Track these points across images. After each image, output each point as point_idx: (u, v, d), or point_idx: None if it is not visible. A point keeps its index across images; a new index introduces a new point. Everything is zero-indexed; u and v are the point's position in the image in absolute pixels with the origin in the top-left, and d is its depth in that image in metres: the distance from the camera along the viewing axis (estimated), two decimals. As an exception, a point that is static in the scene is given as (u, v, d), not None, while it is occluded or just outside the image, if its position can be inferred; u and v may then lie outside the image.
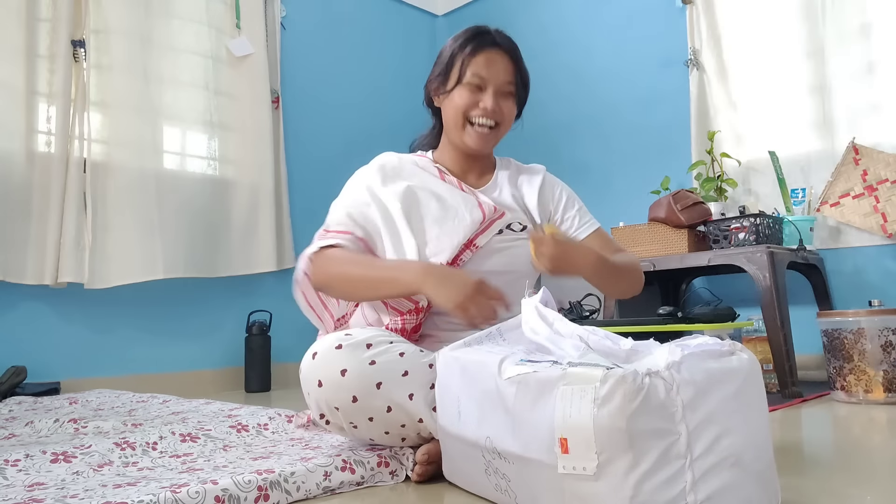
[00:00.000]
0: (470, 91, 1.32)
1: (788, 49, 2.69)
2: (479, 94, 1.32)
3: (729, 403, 0.76)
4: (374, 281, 1.21)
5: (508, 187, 1.42)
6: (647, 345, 0.88)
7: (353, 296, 1.29)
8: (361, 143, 3.50)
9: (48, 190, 2.46)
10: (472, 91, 1.32)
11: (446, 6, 4.08)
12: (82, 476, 1.08)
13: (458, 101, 1.33)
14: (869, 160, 2.46)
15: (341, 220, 1.32)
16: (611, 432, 0.71)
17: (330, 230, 1.31)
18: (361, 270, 1.23)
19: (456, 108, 1.33)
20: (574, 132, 3.39)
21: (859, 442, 1.40)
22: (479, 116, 1.32)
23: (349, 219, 1.32)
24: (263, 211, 3.03)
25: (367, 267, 1.24)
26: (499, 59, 1.33)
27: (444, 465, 1.07)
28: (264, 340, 2.90)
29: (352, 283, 1.23)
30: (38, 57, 2.51)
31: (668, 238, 2.46)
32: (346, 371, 1.06)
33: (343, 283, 1.24)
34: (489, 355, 0.94)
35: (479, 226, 1.30)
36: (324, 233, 1.31)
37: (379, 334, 1.13)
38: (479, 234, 1.30)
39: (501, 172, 1.45)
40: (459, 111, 1.33)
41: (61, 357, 2.51)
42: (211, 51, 2.99)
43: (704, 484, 0.72)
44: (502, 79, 1.33)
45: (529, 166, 1.49)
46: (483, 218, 1.30)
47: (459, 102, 1.32)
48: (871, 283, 2.48)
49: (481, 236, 1.30)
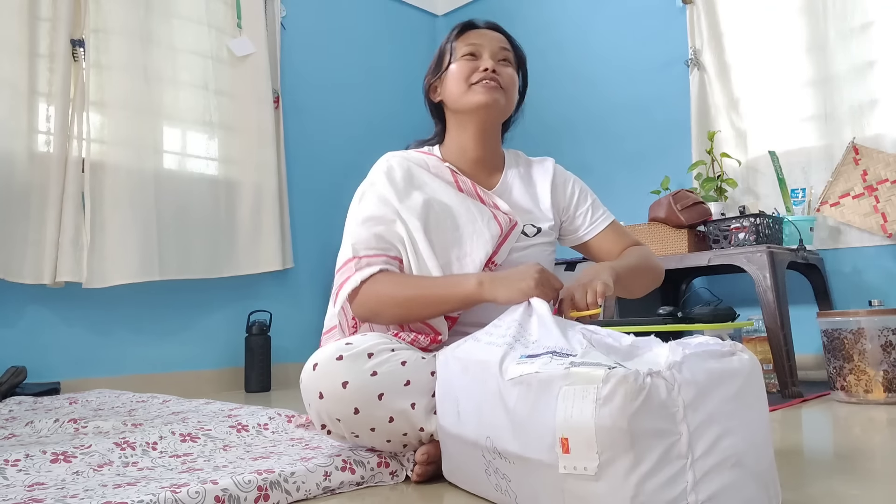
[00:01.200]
0: (465, 60, 1.31)
1: (789, 49, 2.69)
2: (475, 61, 1.31)
3: (730, 404, 0.76)
4: (428, 300, 1.16)
5: (520, 185, 1.38)
6: (648, 341, 0.88)
7: (406, 319, 1.21)
8: (361, 142, 3.51)
9: (47, 189, 2.46)
10: (468, 60, 1.31)
11: (446, 6, 4.08)
12: (82, 476, 1.08)
13: (456, 73, 1.31)
14: (869, 160, 2.46)
15: (371, 243, 1.22)
16: (612, 432, 0.71)
17: (362, 255, 1.22)
18: (413, 292, 1.17)
19: (456, 79, 1.31)
20: (574, 132, 3.39)
21: (859, 442, 1.40)
22: (482, 78, 1.29)
23: (379, 239, 1.23)
24: (263, 211, 3.03)
25: (417, 287, 1.18)
26: (488, 32, 1.35)
27: (443, 465, 1.07)
28: (264, 340, 2.90)
29: (404, 306, 1.17)
30: (37, 56, 2.51)
31: (668, 238, 2.46)
32: (348, 383, 1.05)
33: (394, 308, 1.18)
34: (490, 354, 0.94)
35: (497, 240, 1.26)
36: (357, 260, 1.21)
37: (380, 342, 1.11)
38: (497, 250, 1.26)
39: (511, 170, 1.40)
40: (458, 80, 1.30)
41: (61, 357, 2.51)
42: (211, 50, 3.00)
43: (705, 484, 0.72)
44: (496, 45, 1.32)
45: (539, 160, 1.45)
46: (500, 231, 1.27)
47: (458, 72, 1.30)
48: (871, 283, 2.48)
49: (499, 252, 1.27)
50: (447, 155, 1.37)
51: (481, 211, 1.27)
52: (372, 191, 1.28)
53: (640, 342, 0.88)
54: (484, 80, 1.28)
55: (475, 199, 1.30)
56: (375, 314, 1.20)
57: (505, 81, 1.31)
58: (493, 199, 1.32)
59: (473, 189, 1.32)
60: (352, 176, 1.60)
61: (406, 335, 1.19)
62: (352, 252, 1.22)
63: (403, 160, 1.32)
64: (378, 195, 1.26)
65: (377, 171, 1.31)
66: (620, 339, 0.89)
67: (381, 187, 1.27)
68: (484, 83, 1.28)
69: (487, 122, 1.33)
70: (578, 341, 0.87)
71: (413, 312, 1.18)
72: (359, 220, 1.25)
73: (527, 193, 1.38)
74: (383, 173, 1.29)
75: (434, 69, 1.38)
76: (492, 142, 1.37)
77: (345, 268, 1.22)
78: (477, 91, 1.29)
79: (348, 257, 1.23)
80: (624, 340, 0.89)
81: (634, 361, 0.83)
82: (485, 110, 1.30)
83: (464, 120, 1.33)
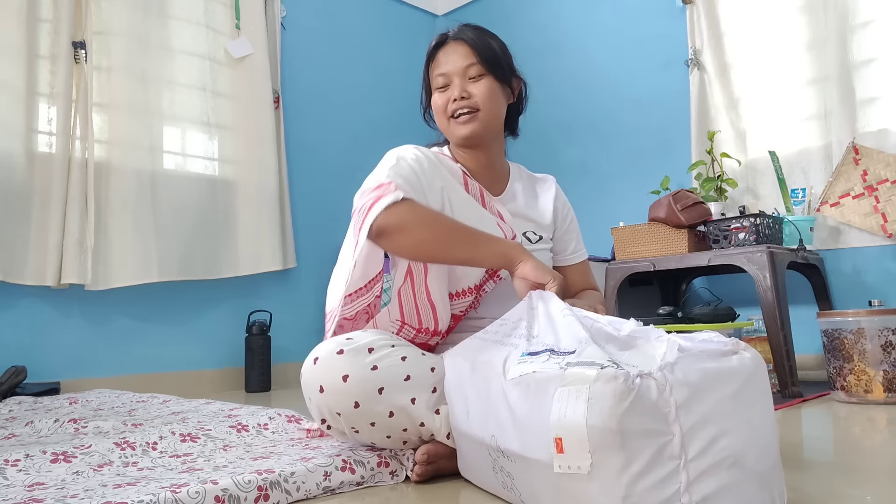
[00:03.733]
0: (440, 93, 1.35)
1: (789, 48, 2.69)
2: (447, 91, 1.34)
3: (727, 404, 0.76)
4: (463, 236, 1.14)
5: (525, 196, 1.45)
6: (646, 331, 0.89)
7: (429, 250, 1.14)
8: (362, 142, 3.51)
9: (49, 191, 2.46)
10: (441, 91, 1.35)
11: (446, 6, 4.08)
12: (82, 476, 1.08)
13: (435, 108, 1.37)
14: (869, 160, 2.46)
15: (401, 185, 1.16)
16: (603, 432, 0.71)
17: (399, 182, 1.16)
18: (452, 223, 1.14)
19: (437, 115, 1.37)
20: (574, 132, 3.39)
21: (859, 442, 1.40)
22: (455, 109, 1.32)
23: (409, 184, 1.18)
24: (264, 211, 3.03)
25: (454, 223, 1.15)
26: (452, 50, 1.35)
27: (458, 463, 1.09)
28: (264, 340, 2.90)
29: (435, 231, 1.12)
30: (39, 58, 2.51)
31: (668, 238, 2.46)
32: (348, 377, 1.05)
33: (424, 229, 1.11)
34: (495, 353, 0.95)
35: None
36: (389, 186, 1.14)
37: (381, 338, 1.12)
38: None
39: (516, 181, 1.46)
40: (440, 114, 1.36)
41: (61, 357, 2.52)
42: (211, 52, 3.00)
43: (700, 485, 0.72)
44: (460, 65, 1.33)
45: (541, 177, 1.52)
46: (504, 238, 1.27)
47: (436, 108, 1.36)
48: (871, 283, 2.48)
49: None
50: (455, 156, 1.41)
51: (484, 219, 1.28)
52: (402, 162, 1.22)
53: (639, 332, 0.89)
54: (458, 114, 1.32)
55: (479, 203, 1.32)
56: (399, 229, 1.11)
57: (479, 100, 1.32)
58: (497, 208, 1.35)
59: (480, 194, 1.34)
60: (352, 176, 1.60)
61: (407, 332, 1.20)
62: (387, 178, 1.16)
63: (420, 151, 1.30)
64: (410, 167, 1.22)
65: (404, 151, 1.26)
66: (620, 328, 0.90)
67: (412, 162, 1.23)
68: (458, 118, 1.33)
69: (478, 144, 1.37)
70: (577, 334, 0.87)
71: (439, 244, 1.13)
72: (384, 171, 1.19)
73: (530, 204, 1.45)
74: (408, 153, 1.25)
75: (423, 96, 1.44)
76: (493, 151, 1.41)
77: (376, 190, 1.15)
78: (454, 126, 1.34)
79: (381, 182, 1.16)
80: (623, 329, 0.90)
81: (631, 353, 0.84)
82: (467, 140, 1.35)
83: (455, 142, 1.39)
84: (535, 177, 1.51)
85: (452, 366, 1.06)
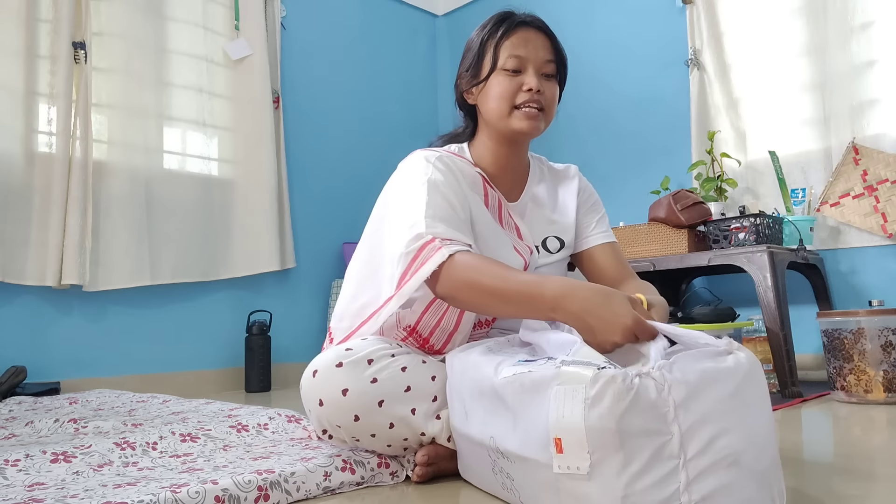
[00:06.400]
0: (509, 76, 1.22)
1: (789, 49, 2.69)
2: (519, 76, 1.22)
3: (725, 403, 0.76)
4: (510, 295, 0.99)
5: (545, 195, 1.36)
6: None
7: (485, 310, 1.08)
8: (362, 142, 3.51)
9: (49, 191, 2.46)
10: (512, 75, 1.22)
11: (446, 6, 4.08)
12: (82, 476, 1.08)
13: (498, 90, 1.22)
14: (869, 160, 2.46)
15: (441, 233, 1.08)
16: (601, 433, 0.72)
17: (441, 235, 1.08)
18: (495, 282, 1.01)
19: (498, 98, 1.22)
20: (574, 132, 3.39)
21: (859, 442, 1.40)
22: (526, 101, 1.21)
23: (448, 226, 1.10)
24: (264, 211, 3.03)
25: (501, 278, 1.01)
26: (534, 37, 1.23)
27: (458, 464, 1.09)
28: (264, 340, 2.90)
29: (485, 294, 1.02)
30: (38, 58, 2.51)
31: (668, 238, 2.46)
32: (348, 391, 1.04)
33: (475, 293, 1.03)
34: (494, 357, 0.96)
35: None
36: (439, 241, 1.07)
37: (380, 347, 1.09)
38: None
39: (536, 179, 1.37)
40: (503, 99, 1.21)
41: (61, 357, 2.52)
42: (211, 52, 3.00)
43: (699, 484, 0.72)
44: (542, 57, 1.22)
45: (563, 168, 1.42)
46: (524, 264, 1.22)
47: (500, 90, 1.22)
48: (871, 283, 2.48)
49: None
50: (477, 157, 1.31)
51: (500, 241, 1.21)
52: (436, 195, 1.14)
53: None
54: (527, 106, 1.21)
55: (497, 219, 1.25)
56: (454, 296, 1.06)
57: (547, 101, 1.24)
58: (514, 221, 1.29)
59: (498, 206, 1.27)
60: (352, 176, 1.59)
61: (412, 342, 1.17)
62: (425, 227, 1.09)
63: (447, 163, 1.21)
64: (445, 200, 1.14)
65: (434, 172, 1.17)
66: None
67: (444, 189, 1.15)
68: (526, 110, 1.21)
69: (524, 142, 1.30)
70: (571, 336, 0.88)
71: (491, 305, 1.04)
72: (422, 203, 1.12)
73: (551, 204, 1.36)
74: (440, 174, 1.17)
75: (472, 71, 1.27)
76: (522, 153, 1.34)
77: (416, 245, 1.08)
78: (518, 117, 1.22)
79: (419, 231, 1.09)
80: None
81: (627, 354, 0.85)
82: (524, 136, 1.25)
83: (499, 136, 1.28)
84: (556, 171, 1.41)
85: (450, 368, 1.06)
